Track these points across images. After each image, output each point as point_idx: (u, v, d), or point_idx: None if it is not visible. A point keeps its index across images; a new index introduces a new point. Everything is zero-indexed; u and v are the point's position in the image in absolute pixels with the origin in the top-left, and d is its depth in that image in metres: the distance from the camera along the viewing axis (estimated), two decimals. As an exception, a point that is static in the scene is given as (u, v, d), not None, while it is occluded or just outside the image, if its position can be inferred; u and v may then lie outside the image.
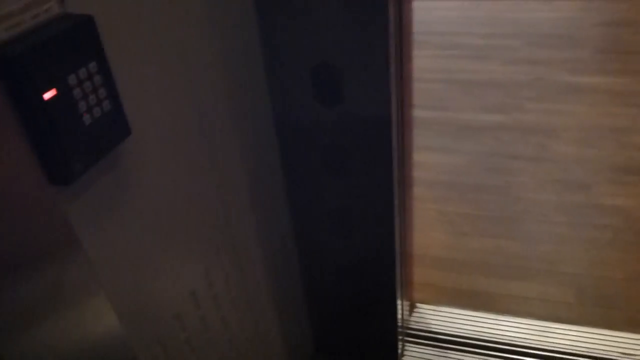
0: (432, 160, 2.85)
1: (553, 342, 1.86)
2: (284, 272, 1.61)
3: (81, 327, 0.74)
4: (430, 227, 2.42)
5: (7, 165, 0.60)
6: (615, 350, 1.81)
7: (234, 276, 1.27)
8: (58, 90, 0.65)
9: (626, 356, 1.78)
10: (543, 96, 3.26)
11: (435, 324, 1.98)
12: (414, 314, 2.02)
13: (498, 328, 1.93)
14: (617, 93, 3.21)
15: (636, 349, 1.80)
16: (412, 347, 1.91)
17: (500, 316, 1.97)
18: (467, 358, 1.86)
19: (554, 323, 1.92)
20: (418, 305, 2.05)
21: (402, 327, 1.86)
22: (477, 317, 1.98)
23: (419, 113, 3.16)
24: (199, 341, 1.15)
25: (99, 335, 0.79)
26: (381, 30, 1.23)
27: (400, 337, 1.86)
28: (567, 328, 1.90)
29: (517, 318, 1.96)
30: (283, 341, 1.64)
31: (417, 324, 1.99)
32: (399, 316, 1.83)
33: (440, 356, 1.88)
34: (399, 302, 1.79)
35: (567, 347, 1.84)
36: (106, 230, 0.81)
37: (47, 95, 0.63)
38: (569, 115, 3.08)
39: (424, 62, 3.76)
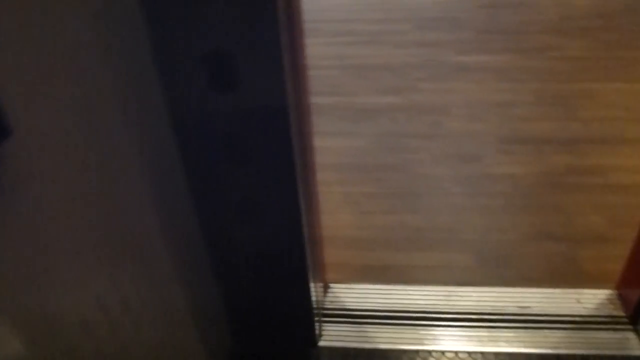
0: (335, 144, 2.92)
1: (458, 305, 1.98)
2: (194, 267, 1.61)
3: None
4: (338, 208, 2.49)
5: None
6: (513, 305, 1.96)
7: (141, 277, 1.25)
8: None
9: (523, 308, 1.94)
10: (433, 76, 3.42)
11: (350, 302, 2.05)
12: (328, 294, 2.08)
13: (408, 298, 2.03)
14: (500, 70, 3.43)
15: (531, 301, 1.96)
16: (329, 326, 1.97)
17: (409, 287, 2.07)
18: (382, 330, 1.94)
19: (457, 287, 2.05)
20: (331, 285, 2.11)
21: (317, 308, 1.91)
22: (387, 290, 2.07)
23: (317, 100, 3.22)
24: (110, 348, 1.13)
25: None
26: (271, 15, 1.25)
27: (316, 319, 1.91)
28: (469, 290, 2.03)
29: (424, 286, 2.06)
30: (199, 336, 1.63)
31: (332, 304, 2.05)
32: (313, 298, 1.88)
33: (357, 331, 1.95)
34: (312, 284, 1.83)
35: (471, 307, 1.97)
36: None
37: None
38: (458, 93, 3.26)
39: (319, 49, 3.83)
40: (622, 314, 1.89)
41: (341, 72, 3.57)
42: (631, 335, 1.83)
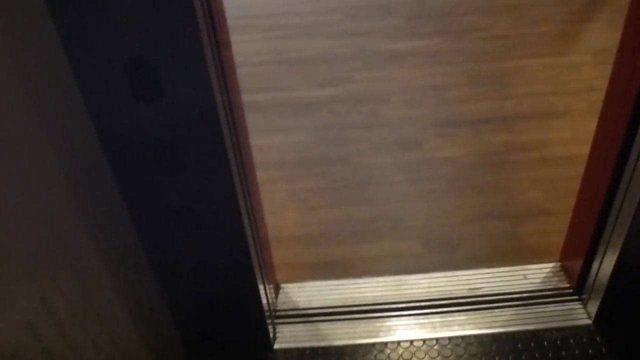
0: (275, 141, 2.88)
1: (410, 293, 1.98)
2: (135, 280, 1.55)
3: None
4: (283, 207, 2.46)
5: None
6: (463, 288, 1.98)
7: (76, 298, 1.19)
8: None
9: (472, 290, 1.96)
10: (368, 65, 3.43)
11: (302, 301, 2.03)
12: (280, 295, 2.05)
13: (359, 291, 2.02)
14: (433, 54, 3.47)
15: (480, 283, 1.98)
16: (283, 327, 1.94)
17: (360, 280, 2.06)
18: (337, 326, 1.92)
19: (407, 275, 2.05)
20: (282, 285, 2.08)
21: (269, 310, 1.88)
22: (338, 285, 2.05)
23: (254, 97, 3.17)
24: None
25: None
26: (189, 18, 1.20)
27: (269, 321, 1.88)
28: (419, 277, 2.04)
29: (374, 278, 2.06)
30: (149, 350, 1.58)
31: (284, 304, 2.02)
32: (265, 301, 1.84)
33: (312, 330, 1.93)
34: (261, 286, 1.80)
35: (422, 294, 1.97)
36: None
37: None
38: (394, 80, 3.27)
39: (253, 45, 3.77)
40: (566, 285, 1.94)
41: (277, 67, 3.53)
42: (577, 306, 1.88)
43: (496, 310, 1.89)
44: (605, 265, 1.72)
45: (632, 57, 1.43)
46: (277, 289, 2.07)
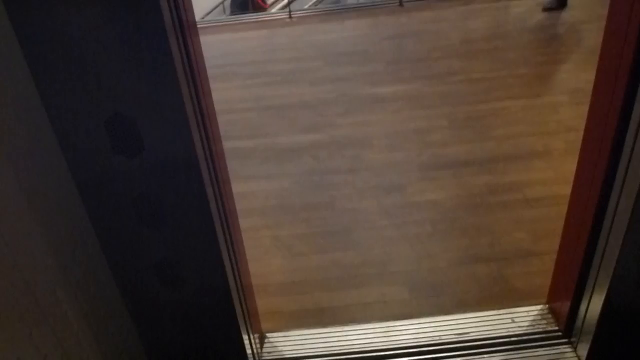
0: (259, 187, 2.87)
1: (396, 340, 1.95)
2: (117, 335, 1.50)
3: None
4: (267, 253, 2.43)
5: None
6: (451, 333, 1.95)
7: (55, 356, 1.15)
8: None
9: (461, 335, 1.93)
10: (350, 110, 3.46)
11: (288, 350, 1.98)
12: (265, 345, 2.00)
13: (346, 339, 1.98)
14: (413, 98, 3.52)
15: (468, 327, 1.95)
16: (269, 379, 1.89)
17: (346, 327, 2.02)
18: (324, 375, 1.88)
19: (395, 321, 2.02)
20: (267, 335, 2.04)
21: (254, 361, 1.83)
22: (325, 333, 2.01)
23: (237, 144, 3.17)
24: None
25: None
26: (168, 72, 1.21)
27: (255, 373, 1.83)
28: (407, 323, 2.01)
29: (361, 325, 2.02)
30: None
31: (269, 354, 1.97)
32: (249, 351, 1.80)
33: (298, 380, 1.88)
34: (245, 337, 1.76)
35: (409, 341, 1.94)
36: None
37: None
38: (375, 124, 3.30)
39: (235, 92, 3.80)
40: (555, 328, 1.92)
41: (259, 113, 3.55)
42: (567, 349, 1.86)
43: (485, 355, 1.86)
44: (593, 306, 1.71)
45: (607, 98, 1.46)
46: (262, 339, 2.02)
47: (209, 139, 1.45)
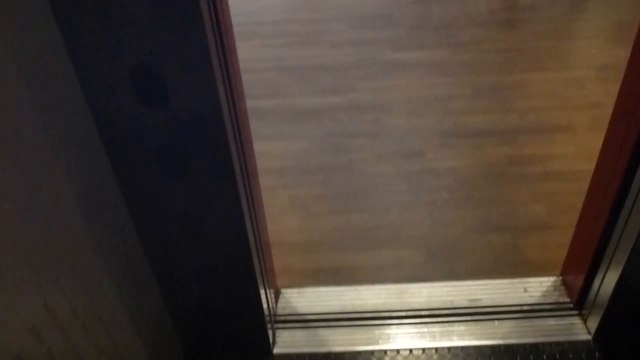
0: (278, 148, 2.88)
1: (410, 302, 1.98)
2: (138, 285, 1.54)
3: None
4: (284, 213, 2.46)
5: None
6: (463, 298, 1.97)
7: (79, 301, 1.18)
8: None
9: (473, 301, 1.96)
10: (371, 74, 3.43)
11: (302, 306, 2.02)
12: (280, 300, 2.04)
13: (360, 298, 2.01)
14: (436, 65, 3.48)
15: (480, 294, 1.98)
16: (283, 332, 1.93)
17: (360, 287, 2.06)
18: (336, 332, 1.92)
19: (408, 284, 2.05)
20: (282, 290, 2.08)
21: (270, 315, 1.87)
22: (339, 292, 2.05)
23: (257, 103, 3.17)
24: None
25: None
26: (196, 25, 1.20)
27: (269, 326, 1.87)
28: (420, 286, 2.04)
29: (375, 286, 2.06)
30: (150, 353, 1.57)
31: (284, 310, 2.01)
32: (265, 305, 1.84)
33: (311, 336, 1.92)
34: (262, 291, 1.79)
35: (422, 303, 1.97)
36: None
37: None
38: (397, 89, 3.28)
39: (255, 52, 3.78)
40: (567, 300, 1.94)
41: (279, 74, 3.53)
42: (577, 321, 1.88)
43: (496, 321, 1.89)
44: (607, 281, 1.72)
45: (640, 73, 1.44)
46: (277, 294, 2.06)
47: (234, 95, 1.45)
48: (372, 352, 1.84)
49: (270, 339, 1.88)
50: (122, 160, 1.41)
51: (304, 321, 1.97)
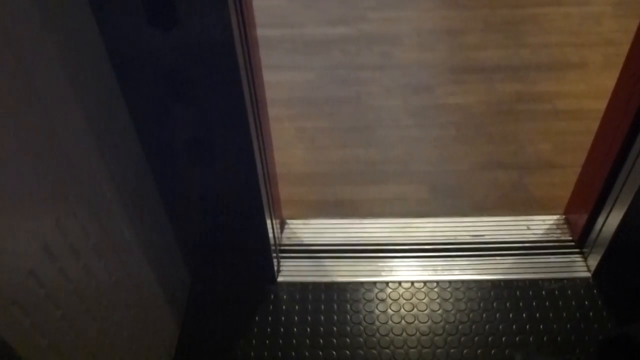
0: (285, 78, 2.84)
1: (414, 236, 2.01)
2: (146, 210, 1.56)
3: None
4: (290, 144, 2.45)
5: None
6: (467, 234, 2.00)
7: (89, 222, 1.20)
8: None
9: (475, 237, 1.98)
10: (382, 4, 3.33)
11: (306, 237, 2.05)
12: (285, 231, 2.07)
13: (364, 231, 2.04)
14: (448, -4, 3.38)
15: (484, 230, 2.00)
16: (287, 262, 1.97)
17: (365, 220, 2.08)
18: (339, 263, 1.95)
19: (412, 218, 2.07)
20: (288, 221, 2.10)
21: (275, 244, 1.90)
22: (343, 224, 2.07)
23: (264, 32, 3.10)
24: (62, 294, 1.09)
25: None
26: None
27: (274, 254, 1.90)
28: (424, 221, 2.06)
29: (379, 219, 2.08)
30: (157, 276, 1.61)
31: (289, 240, 2.04)
32: (271, 234, 1.87)
33: (315, 266, 1.96)
34: (268, 221, 1.82)
35: (426, 238, 2.00)
36: None
37: None
38: (407, 21, 3.19)
39: (264, -22, 3.66)
40: (569, 238, 1.97)
41: (288, 2, 3.43)
42: (577, 258, 1.91)
43: (497, 257, 1.92)
44: (611, 220, 1.74)
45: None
46: (282, 224, 2.09)
47: (245, 20, 1.42)
48: (374, 283, 1.88)
49: (275, 267, 1.92)
50: (131, 83, 1.39)
51: (308, 252, 2.00)
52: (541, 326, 1.74)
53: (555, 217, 2.04)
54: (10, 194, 0.91)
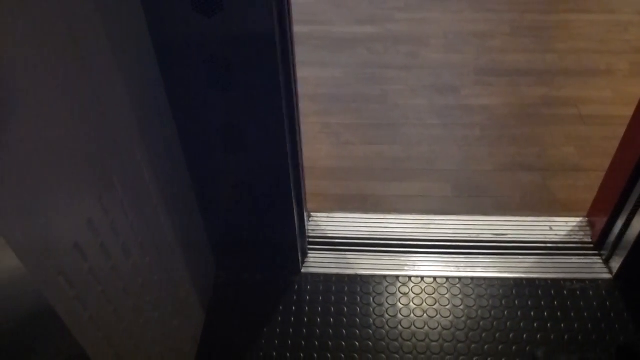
0: (311, 74, 2.88)
1: (437, 233, 2.03)
2: (179, 195, 1.60)
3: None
4: (316, 139, 2.49)
5: None
6: (489, 233, 2.02)
7: (129, 202, 1.24)
8: None
9: (498, 236, 2.00)
10: (410, 6, 3.36)
11: (331, 230, 2.08)
12: (310, 223, 2.10)
13: (387, 226, 2.07)
14: (476, 0, 3.39)
15: (506, 230, 2.02)
16: (311, 254, 2.01)
17: (388, 215, 2.11)
18: (363, 257, 1.99)
19: (435, 216, 2.10)
20: (313, 214, 2.14)
21: (301, 236, 1.93)
22: (368, 219, 2.10)
23: (294, 28, 3.13)
24: (102, 270, 1.13)
25: None
26: None
27: (300, 246, 1.94)
28: (446, 219, 2.08)
29: (402, 215, 2.11)
30: (185, 263, 1.65)
31: (313, 232, 2.08)
32: (297, 226, 1.90)
33: (339, 258, 1.99)
34: (296, 212, 1.85)
35: (449, 235, 2.02)
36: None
37: None
38: (434, 23, 3.22)
39: (293, -24, 3.70)
40: (591, 240, 1.98)
41: (318, 0, 3.47)
42: (599, 260, 1.93)
43: (519, 256, 1.94)
44: (635, 224, 1.75)
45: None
46: (307, 217, 2.12)
47: (285, 13, 1.45)
48: (397, 277, 1.91)
49: (300, 259, 1.96)
50: (171, 67, 1.43)
51: (333, 244, 2.04)
52: (562, 325, 1.76)
53: (577, 219, 2.05)
54: (60, 169, 0.96)
